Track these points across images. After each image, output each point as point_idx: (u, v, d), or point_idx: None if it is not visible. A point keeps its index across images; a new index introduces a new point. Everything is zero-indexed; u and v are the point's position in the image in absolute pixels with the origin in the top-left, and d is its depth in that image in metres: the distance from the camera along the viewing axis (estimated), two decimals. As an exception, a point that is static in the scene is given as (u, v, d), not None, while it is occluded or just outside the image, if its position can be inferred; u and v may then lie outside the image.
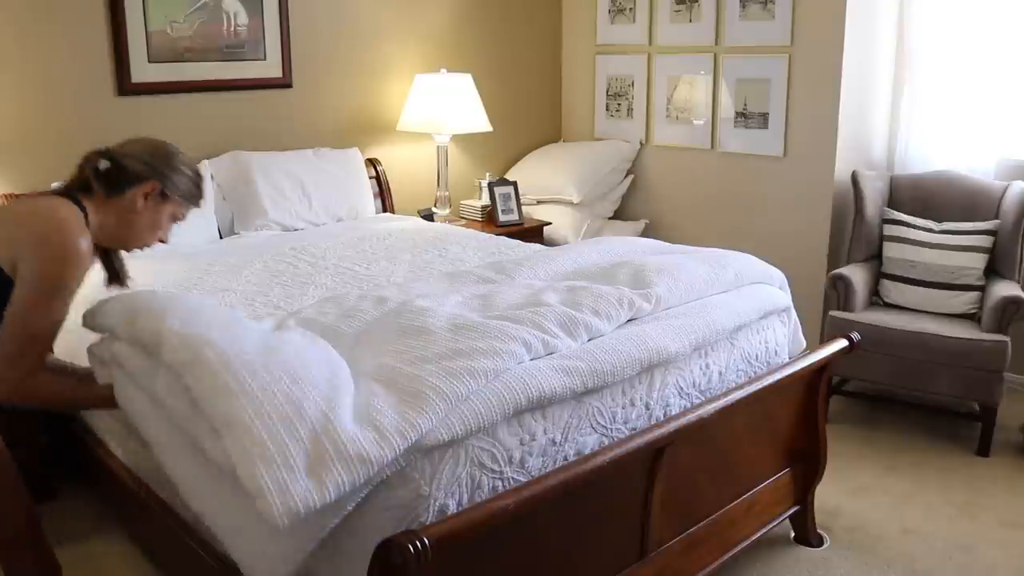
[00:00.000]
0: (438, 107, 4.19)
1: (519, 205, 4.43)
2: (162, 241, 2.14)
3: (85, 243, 1.92)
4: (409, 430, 1.73)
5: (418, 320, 2.18)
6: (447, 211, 4.38)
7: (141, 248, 2.12)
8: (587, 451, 2.11)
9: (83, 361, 2.17)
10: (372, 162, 4.28)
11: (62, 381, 2.07)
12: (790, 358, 2.85)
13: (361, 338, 2.16)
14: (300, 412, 1.70)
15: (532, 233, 4.36)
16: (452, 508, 1.85)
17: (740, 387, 2.33)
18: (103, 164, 1.98)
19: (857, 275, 3.75)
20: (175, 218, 2.12)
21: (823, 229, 4.11)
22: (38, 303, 1.86)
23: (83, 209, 1.98)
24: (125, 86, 3.53)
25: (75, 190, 2.01)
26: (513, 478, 1.97)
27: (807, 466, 2.79)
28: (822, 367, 2.65)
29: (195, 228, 3.51)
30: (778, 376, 2.44)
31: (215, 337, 1.85)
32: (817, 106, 4.05)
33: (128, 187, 2.00)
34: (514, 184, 4.45)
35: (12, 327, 1.86)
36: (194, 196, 2.11)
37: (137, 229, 2.06)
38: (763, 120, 4.25)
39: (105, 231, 2.03)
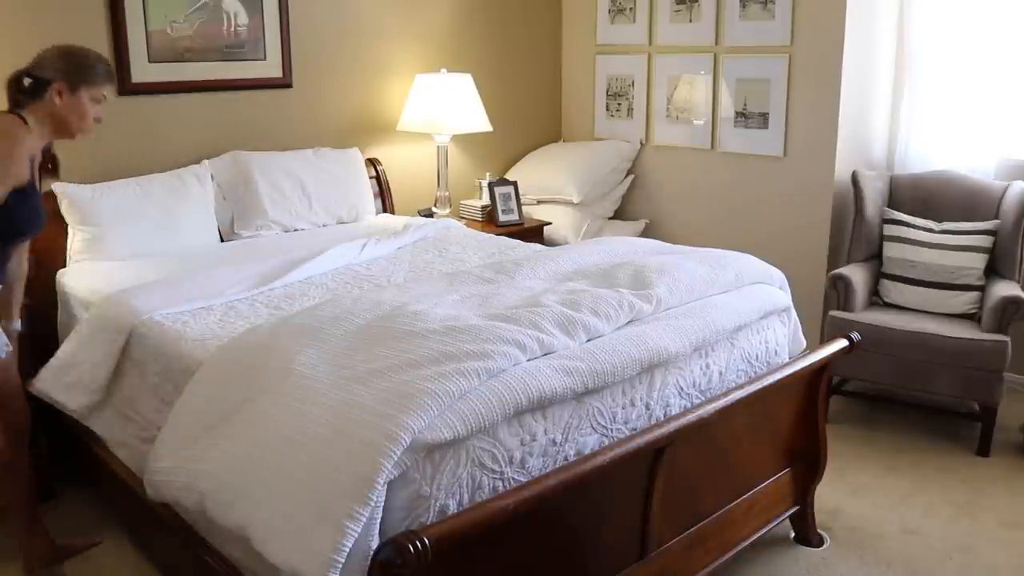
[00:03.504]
0: (438, 107, 4.19)
1: (519, 205, 4.42)
2: (97, 120, 2.48)
3: (20, 131, 2.35)
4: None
5: (409, 324, 2.18)
6: (447, 211, 4.38)
7: (84, 134, 2.48)
8: (587, 451, 2.12)
9: None
10: (372, 162, 4.28)
11: None
12: (790, 358, 2.85)
13: (353, 342, 2.16)
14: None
15: (532, 233, 4.36)
16: (453, 508, 1.85)
17: (740, 387, 2.34)
18: (26, 81, 2.39)
19: (857, 275, 3.75)
20: (96, 100, 2.46)
21: (823, 229, 4.11)
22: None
23: (22, 117, 2.38)
24: (125, 86, 3.52)
25: (13, 107, 2.43)
26: (513, 478, 1.97)
27: (807, 466, 2.79)
28: (822, 367, 2.65)
29: (196, 228, 3.50)
30: (778, 376, 2.44)
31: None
32: (817, 106, 4.05)
33: (45, 91, 2.38)
34: (514, 184, 4.44)
35: None
36: (101, 77, 2.46)
37: (67, 120, 2.43)
38: (763, 120, 4.24)
39: (45, 129, 2.43)
